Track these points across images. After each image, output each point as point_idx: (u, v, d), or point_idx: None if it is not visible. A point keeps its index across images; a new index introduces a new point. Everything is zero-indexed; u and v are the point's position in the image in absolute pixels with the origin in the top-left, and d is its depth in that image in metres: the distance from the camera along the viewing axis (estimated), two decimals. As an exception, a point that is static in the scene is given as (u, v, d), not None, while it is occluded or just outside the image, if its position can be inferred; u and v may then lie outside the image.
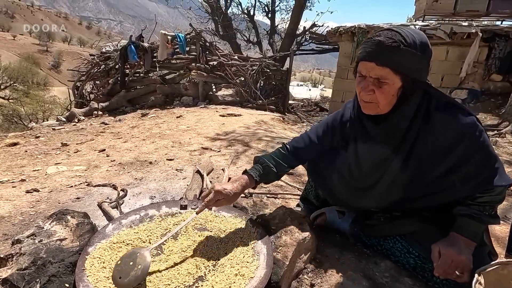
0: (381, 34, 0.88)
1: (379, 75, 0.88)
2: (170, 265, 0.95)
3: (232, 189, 1.05)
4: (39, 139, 3.76)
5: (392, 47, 0.85)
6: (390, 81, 0.87)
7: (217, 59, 6.43)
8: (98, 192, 1.71)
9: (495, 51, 5.69)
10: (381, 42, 0.86)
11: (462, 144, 0.90)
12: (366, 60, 0.89)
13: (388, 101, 0.91)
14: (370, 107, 0.94)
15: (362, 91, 0.93)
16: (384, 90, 0.89)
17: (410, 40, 0.85)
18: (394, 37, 0.86)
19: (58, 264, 0.87)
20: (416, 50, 0.86)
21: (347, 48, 6.68)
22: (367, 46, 0.90)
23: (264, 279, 0.89)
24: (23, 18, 79.78)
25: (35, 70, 23.01)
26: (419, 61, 0.88)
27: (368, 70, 0.90)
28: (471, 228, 0.95)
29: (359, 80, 0.95)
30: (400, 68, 0.87)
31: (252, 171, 1.13)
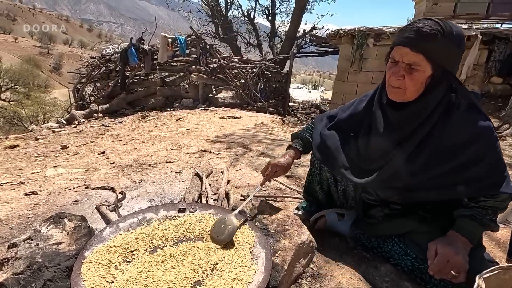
0: (420, 21, 0.90)
1: (412, 61, 0.90)
2: (167, 269, 0.94)
3: (285, 161, 1.20)
4: (39, 141, 3.76)
5: (429, 35, 0.87)
6: (422, 68, 0.89)
7: (217, 61, 6.45)
8: (97, 195, 1.70)
9: (495, 54, 5.69)
10: (419, 28, 0.88)
11: (475, 145, 0.91)
12: (401, 45, 0.91)
13: (416, 88, 0.93)
14: (398, 92, 0.95)
15: (392, 76, 0.94)
16: (414, 77, 0.91)
17: (448, 31, 0.87)
18: (433, 25, 0.88)
19: (54, 268, 0.86)
20: (452, 41, 0.88)
21: (347, 50, 6.69)
22: (404, 32, 0.92)
23: (263, 283, 0.88)
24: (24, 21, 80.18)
25: (36, 72, 23.08)
26: (453, 53, 0.90)
27: (402, 56, 0.91)
28: (471, 229, 0.95)
29: (391, 66, 0.96)
30: (433, 57, 0.89)
31: (295, 144, 1.27)
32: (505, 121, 4.45)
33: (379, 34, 6.21)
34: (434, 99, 0.94)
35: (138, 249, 1.02)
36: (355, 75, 6.70)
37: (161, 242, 1.07)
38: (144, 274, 0.91)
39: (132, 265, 0.95)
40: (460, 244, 0.93)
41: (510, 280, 0.90)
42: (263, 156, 2.66)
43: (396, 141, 1.01)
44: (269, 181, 1.28)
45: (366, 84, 6.62)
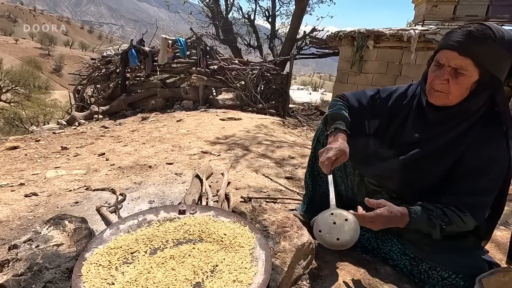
0: (471, 25, 0.87)
1: (459, 65, 0.86)
2: (167, 271, 0.94)
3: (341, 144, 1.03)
4: (39, 142, 3.76)
5: (479, 39, 0.84)
6: (469, 73, 0.86)
7: (217, 63, 6.46)
8: (97, 196, 1.71)
9: (494, 56, 5.71)
10: (470, 32, 0.85)
11: (485, 166, 0.90)
12: (449, 49, 0.88)
13: (460, 93, 0.90)
14: (440, 96, 0.92)
15: (436, 79, 0.91)
16: (460, 81, 0.88)
17: (500, 36, 0.84)
18: (485, 30, 0.85)
19: (55, 270, 0.86)
20: (503, 47, 0.85)
21: (347, 52, 6.71)
22: (453, 35, 0.89)
23: (263, 285, 0.88)
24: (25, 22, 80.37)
25: (37, 74, 23.11)
26: (503, 59, 0.87)
27: (448, 59, 0.88)
28: (419, 221, 0.93)
29: (435, 69, 0.93)
30: (482, 62, 0.85)
31: (341, 125, 1.09)
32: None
33: (379, 36, 6.22)
34: (476, 104, 0.92)
35: (138, 251, 1.03)
36: (355, 76, 6.71)
37: (161, 243, 1.08)
38: (144, 275, 0.91)
39: (132, 266, 0.95)
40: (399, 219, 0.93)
41: (510, 282, 0.90)
42: (263, 157, 2.67)
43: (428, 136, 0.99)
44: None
45: (366, 86, 6.63)
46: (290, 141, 3.63)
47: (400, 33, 6.01)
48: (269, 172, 2.26)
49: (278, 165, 2.46)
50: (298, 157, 2.73)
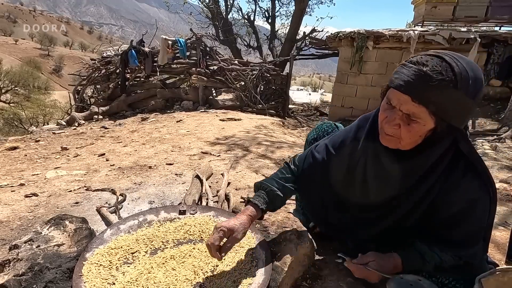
0: (428, 62, 0.71)
1: (411, 111, 0.73)
2: (168, 271, 0.95)
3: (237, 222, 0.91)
4: (39, 143, 3.76)
5: (437, 86, 0.69)
6: (422, 121, 0.73)
7: (217, 63, 6.47)
8: (97, 196, 1.71)
9: (493, 57, 5.72)
10: (426, 75, 0.70)
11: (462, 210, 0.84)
12: (400, 91, 0.73)
13: (412, 140, 0.79)
14: (391, 140, 0.81)
15: (386, 123, 0.79)
16: (412, 129, 0.75)
17: (463, 79, 0.69)
18: (444, 71, 0.69)
19: (55, 270, 0.86)
20: (467, 93, 0.70)
21: (347, 53, 6.72)
22: (406, 72, 0.73)
23: (263, 285, 0.88)
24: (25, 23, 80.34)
25: (36, 74, 23.10)
26: (466, 108, 0.72)
27: (400, 102, 0.74)
28: (414, 264, 0.91)
29: (386, 107, 0.80)
30: (439, 112, 0.71)
31: (256, 198, 1.00)
32: (504, 123, 4.47)
33: (378, 36, 6.24)
34: (434, 155, 0.81)
35: (139, 251, 1.03)
36: (355, 77, 6.72)
37: (161, 244, 1.08)
38: (145, 275, 0.92)
39: (132, 266, 0.96)
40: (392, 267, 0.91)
41: (509, 282, 0.90)
42: (263, 158, 2.67)
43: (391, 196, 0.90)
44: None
45: (365, 87, 6.64)
46: (290, 141, 3.64)
47: (399, 34, 6.02)
48: (269, 172, 2.26)
49: (278, 166, 2.46)
50: (298, 157, 2.73)
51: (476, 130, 4.80)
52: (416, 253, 0.90)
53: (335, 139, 1.02)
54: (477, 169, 0.82)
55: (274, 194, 1.01)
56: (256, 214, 0.97)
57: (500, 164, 2.81)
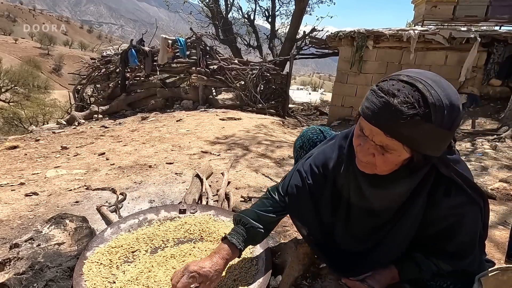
0: (399, 92, 0.65)
1: (384, 144, 0.69)
2: (168, 270, 0.95)
3: (211, 267, 0.82)
4: (39, 142, 3.76)
5: (409, 121, 0.63)
6: (397, 152, 0.70)
7: (217, 63, 6.46)
8: (97, 196, 1.71)
9: (494, 56, 5.71)
10: (396, 109, 0.63)
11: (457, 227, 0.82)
12: (370, 123, 0.68)
13: (388, 168, 0.75)
14: (367, 167, 0.77)
15: (359, 153, 0.76)
16: (387, 159, 0.72)
17: (438, 112, 0.63)
18: (417, 103, 0.63)
19: (56, 268, 0.87)
20: (442, 125, 0.65)
21: (347, 52, 6.71)
22: (376, 103, 0.67)
23: (263, 284, 0.89)
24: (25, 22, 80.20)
25: (36, 74, 23.08)
26: (441, 138, 0.68)
27: (372, 134, 0.70)
28: (411, 275, 0.91)
29: (359, 134, 0.75)
30: (412, 145, 0.68)
31: (234, 236, 0.91)
32: (504, 123, 4.47)
33: (378, 36, 6.23)
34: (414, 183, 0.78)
35: (139, 250, 1.03)
36: (355, 77, 6.72)
37: (162, 243, 1.08)
38: (145, 274, 0.92)
39: (133, 265, 0.96)
40: (389, 279, 0.91)
41: (508, 281, 0.91)
42: (263, 157, 2.67)
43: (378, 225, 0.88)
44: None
45: (365, 86, 6.64)
46: (289, 141, 3.64)
47: (399, 34, 6.02)
48: (269, 171, 2.26)
49: (278, 165, 2.46)
50: (298, 157, 2.73)
51: (476, 129, 4.80)
52: (412, 263, 0.90)
53: (319, 159, 0.96)
54: (461, 186, 0.79)
55: (255, 231, 0.93)
56: (232, 256, 0.89)
57: (500, 164, 2.81)
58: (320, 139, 1.12)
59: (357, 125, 0.76)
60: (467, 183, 0.80)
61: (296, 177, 0.98)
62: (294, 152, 1.22)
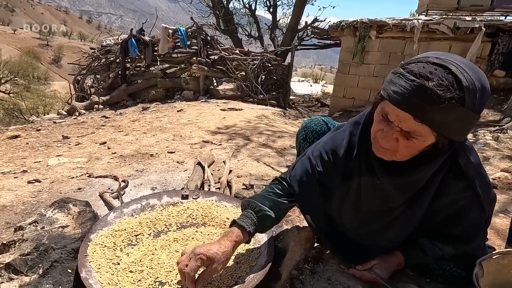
0: (432, 75, 0.61)
1: (412, 129, 0.66)
2: (171, 253, 0.96)
3: (219, 249, 0.79)
4: (40, 132, 3.76)
5: (444, 104, 0.61)
6: (423, 138, 0.68)
7: (218, 53, 6.40)
8: (100, 183, 1.72)
9: (498, 47, 5.63)
10: (432, 93, 0.60)
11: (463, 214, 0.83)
12: (400, 109, 0.65)
13: (409, 154, 0.73)
14: (386, 153, 0.74)
15: (382, 138, 0.72)
16: (412, 144, 0.69)
17: (471, 95, 0.62)
18: (452, 86, 0.61)
19: (61, 250, 0.87)
20: (473, 109, 0.63)
21: (349, 43, 6.63)
22: (405, 86, 0.63)
23: (265, 267, 0.89)
24: (23, 12, 79.28)
25: (36, 65, 22.93)
26: (470, 123, 0.67)
27: (399, 120, 0.67)
28: (416, 260, 0.92)
29: (381, 120, 0.72)
30: (443, 130, 0.66)
31: (243, 220, 0.87)
32: (506, 114, 4.44)
33: (381, 26, 6.14)
34: (431, 170, 0.77)
35: (142, 233, 1.04)
36: (357, 67, 6.65)
37: (164, 227, 1.09)
38: (149, 256, 0.93)
39: (136, 248, 0.97)
40: (395, 265, 0.92)
41: (509, 265, 0.91)
42: (264, 147, 2.67)
43: (389, 208, 0.87)
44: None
45: (367, 77, 6.58)
46: (291, 131, 3.63)
47: (403, 23, 5.92)
48: (270, 161, 2.27)
49: (279, 155, 2.46)
50: (299, 146, 2.73)
51: (479, 120, 4.78)
52: (417, 249, 0.91)
53: (328, 146, 0.94)
54: (471, 179, 0.79)
55: (264, 214, 0.90)
56: (242, 239, 0.84)
57: (501, 154, 2.81)
58: (324, 130, 1.10)
59: (378, 110, 0.73)
60: (480, 177, 0.80)
61: (306, 163, 0.96)
62: (297, 143, 1.19)
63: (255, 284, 0.83)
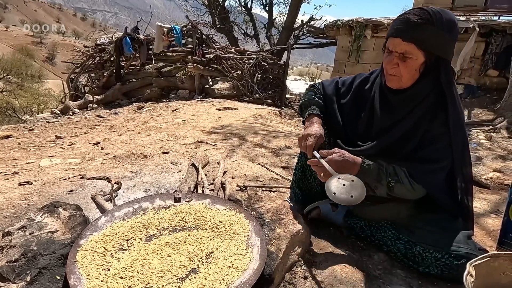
0: (410, 11, 0.96)
1: (404, 50, 0.95)
2: (163, 257, 0.95)
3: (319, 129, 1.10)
4: (33, 131, 3.72)
5: (417, 24, 0.92)
6: (414, 56, 0.95)
7: (213, 52, 6.36)
8: (92, 185, 1.70)
9: (491, 46, 5.69)
10: (408, 19, 0.94)
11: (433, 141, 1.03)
12: (393, 36, 0.97)
13: (411, 75, 0.99)
14: (394, 80, 1.02)
15: (387, 65, 1.00)
16: (408, 64, 0.96)
17: (438, 18, 0.91)
18: (422, 14, 0.92)
19: (49, 256, 0.86)
20: (442, 28, 0.92)
21: (345, 42, 6.65)
22: (396, 23, 0.98)
23: (257, 271, 0.89)
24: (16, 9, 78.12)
25: (29, 62, 22.60)
26: (444, 40, 0.94)
27: (394, 46, 0.97)
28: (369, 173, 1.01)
29: (386, 55, 1.01)
30: (423, 45, 0.93)
31: (314, 110, 1.18)
32: (499, 114, 4.49)
33: (377, 25, 6.16)
34: (428, 84, 1.01)
35: (134, 238, 1.03)
36: (353, 67, 6.68)
37: (156, 231, 1.08)
38: (140, 262, 0.92)
39: (127, 253, 0.96)
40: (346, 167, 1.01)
41: (499, 267, 0.92)
42: (259, 147, 2.66)
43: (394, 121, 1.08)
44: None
45: (363, 76, 6.61)
46: (286, 131, 3.63)
47: (398, 23, 5.95)
48: (265, 161, 2.26)
49: (274, 155, 2.46)
50: (294, 147, 2.73)
51: (472, 120, 4.82)
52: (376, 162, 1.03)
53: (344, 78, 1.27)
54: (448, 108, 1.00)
55: (320, 104, 1.22)
56: (320, 120, 1.15)
57: (494, 154, 2.84)
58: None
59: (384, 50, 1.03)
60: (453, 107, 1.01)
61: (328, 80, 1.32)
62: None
63: (247, 289, 0.83)
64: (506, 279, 0.91)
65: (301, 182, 1.33)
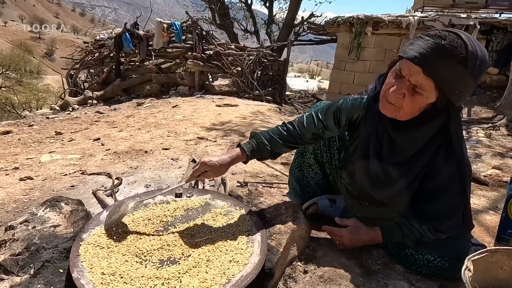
0: (446, 36, 0.75)
1: (419, 83, 0.78)
2: (165, 251, 0.96)
3: (218, 161, 1.04)
4: (33, 127, 3.71)
5: (450, 61, 0.74)
6: (426, 94, 0.79)
7: (213, 48, 6.34)
8: (93, 180, 1.71)
9: (492, 44, 5.68)
10: (443, 48, 0.74)
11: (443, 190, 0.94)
12: (413, 62, 0.77)
13: (411, 111, 0.84)
14: (391, 109, 0.85)
15: (392, 92, 0.83)
16: (415, 100, 0.80)
17: (472, 59, 0.74)
18: (459, 48, 0.74)
19: (52, 250, 0.87)
20: (472, 72, 0.75)
21: (345, 39, 6.63)
22: (421, 45, 0.76)
23: (258, 265, 0.90)
24: (14, 4, 77.54)
25: (28, 58, 22.52)
26: (468, 86, 0.78)
27: (410, 73, 0.79)
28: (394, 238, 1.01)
29: (394, 77, 0.84)
30: (445, 86, 0.77)
31: (246, 145, 1.09)
32: (499, 111, 4.49)
33: (377, 22, 6.14)
34: (430, 131, 0.89)
35: (136, 231, 1.04)
36: (353, 64, 6.66)
37: (158, 224, 1.09)
38: (143, 255, 0.92)
39: (130, 246, 0.96)
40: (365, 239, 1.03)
41: (497, 262, 0.93)
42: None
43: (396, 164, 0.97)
44: (196, 181, 1.36)
45: (363, 73, 6.60)
46: (286, 128, 3.63)
47: (399, 20, 5.94)
48: (265, 157, 2.26)
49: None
50: (294, 143, 2.73)
51: (472, 118, 4.83)
52: (395, 225, 1.00)
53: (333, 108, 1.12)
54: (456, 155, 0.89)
55: (264, 146, 1.08)
56: (240, 157, 1.08)
57: (493, 151, 2.85)
58: None
59: (393, 69, 0.85)
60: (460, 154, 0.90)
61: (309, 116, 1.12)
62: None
63: (248, 282, 0.84)
64: (503, 274, 0.92)
65: (300, 180, 1.34)
